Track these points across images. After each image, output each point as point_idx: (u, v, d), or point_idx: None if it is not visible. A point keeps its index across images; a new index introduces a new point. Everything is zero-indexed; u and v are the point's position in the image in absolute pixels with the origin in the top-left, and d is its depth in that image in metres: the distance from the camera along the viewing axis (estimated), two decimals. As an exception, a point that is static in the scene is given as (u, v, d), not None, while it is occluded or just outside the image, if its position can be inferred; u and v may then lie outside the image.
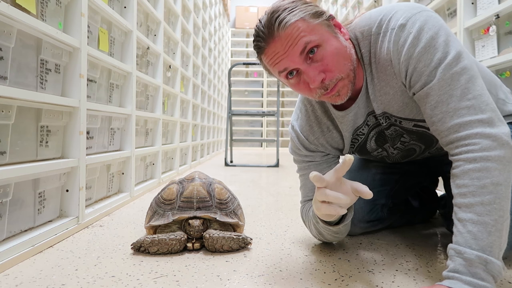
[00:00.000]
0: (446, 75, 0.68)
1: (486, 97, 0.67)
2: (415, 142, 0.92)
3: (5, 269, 0.85)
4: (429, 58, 0.69)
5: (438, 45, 0.69)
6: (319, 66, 0.73)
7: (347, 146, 0.95)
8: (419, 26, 0.70)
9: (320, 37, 0.72)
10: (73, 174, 1.20)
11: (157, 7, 2.23)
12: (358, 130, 0.91)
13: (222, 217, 1.04)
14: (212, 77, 4.67)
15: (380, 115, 0.85)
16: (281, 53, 0.73)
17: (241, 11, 7.30)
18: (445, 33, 0.70)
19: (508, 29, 1.47)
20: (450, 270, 0.64)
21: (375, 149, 0.97)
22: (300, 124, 0.96)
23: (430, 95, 0.70)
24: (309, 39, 0.71)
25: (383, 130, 0.90)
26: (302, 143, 0.95)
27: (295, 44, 0.71)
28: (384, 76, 0.78)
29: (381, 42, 0.76)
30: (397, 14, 0.74)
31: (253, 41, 0.77)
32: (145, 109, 2.07)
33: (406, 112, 0.82)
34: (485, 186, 0.63)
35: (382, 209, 1.14)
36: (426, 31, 0.70)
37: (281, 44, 0.72)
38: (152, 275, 0.83)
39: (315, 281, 0.80)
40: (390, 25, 0.74)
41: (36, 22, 0.99)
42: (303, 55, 0.72)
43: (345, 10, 3.86)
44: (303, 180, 1.00)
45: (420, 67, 0.70)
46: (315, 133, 0.94)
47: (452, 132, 0.68)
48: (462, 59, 0.68)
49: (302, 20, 0.71)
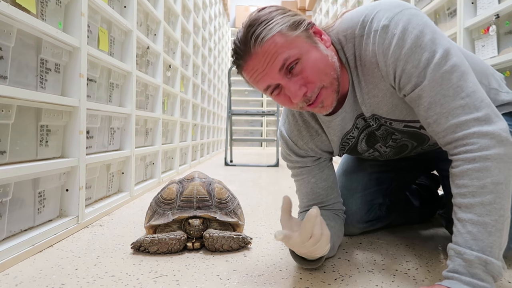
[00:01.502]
0: (437, 75, 0.66)
1: (480, 93, 0.66)
2: (407, 139, 0.91)
3: (5, 268, 0.85)
4: (416, 58, 0.67)
5: (424, 44, 0.67)
6: (299, 80, 0.71)
7: (335, 150, 0.93)
8: (402, 26, 0.68)
9: (298, 51, 0.69)
10: (73, 173, 1.20)
11: (157, 7, 2.23)
12: (348, 134, 0.89)
13: (222, 216, 1.04)
14: (212, 77, 4.67)
15: (370, 117, 0.83)
16: (260, 70, 0.71)
17: (241, 10, 7.30)
18: (431, 30, 0.68)
19: (508, 29, 1.47)
20: (449, 270, 0.64)
21: (366, 150, 0.96)
22: (288, 129, 0.93)
23: (422, 96, 0.68)
24: (287, 55, 0.69)
25: (373, 131, 0.89)
26: (291, 149, 0.93)
27: (273, 60, 0.69)
28: (372, 78, 0.76)
29: (365, 44, 0.73)
30: (378, 14, 0.71)
31: (231, 56, 0.75)
32: (145, 109, 2.07)
33: (396, 114, 0.80)
34: (485, 186, 0.62)
35: (380, 208, 1.14)
36: (410, 31, 0.67)
37: (259, 61, 0.70)
38: (152, 275, 0.83)
39: (315, 281, 0.80)
40: (372, 26, 0.71)
41: (36, 21, 0.99)
42: (282, 70, 0.70)
43: (345, 9, 3.86)
44: (298, 185, 0.98)
45: (408, 68, 0.68)
46: (304, 137, 0.92)
47: (449, 133, 0.67)
48: (450, 57, 0.66)
49: (279, 34, 0.68)
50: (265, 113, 3.67)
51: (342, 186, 1.12)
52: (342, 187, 1.12)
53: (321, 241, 0.71)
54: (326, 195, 0.95)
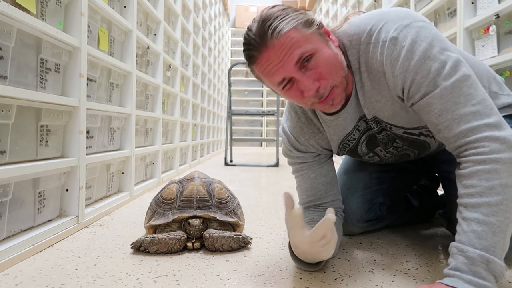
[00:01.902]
0: (447, 84, 0.68)
1: (489, 101, 0.68)
2: (408, 148, 0.93)
3: (5, 268, 0.85)
4: (426, 69, 0.69)
5: (433, 55, 0.69)
6: (313, 75, 0.72)
7: (334, 149, 0.95)
8: (411, 39, 0.70)
9: (313, 46, 0.71)
10: (73, 173, 1.20)
11: (157, 7, 2.23)
12: (348, 136, 0.90)
13: (222, 216, 1.04)
14: (212, 77, 4.67)
15: (371, 119, 0.85)
16: (276, 62, 0.72)
17: (241, 10, 7.30)
18: (439, 42, 0.70)
19: (508, 28, 1.47)
20: (451, 268, 0.64)
21: (366, 153, 0.97)
22: (291, 126, 0.95)
23: (432, 104, 0.70)
24: (304, 50, 0.70)
25: (374, 134, 0.90)
26: (293, 144, 0.95)
27: (289, 54, 0.70)
28: (377, 85, 0.78)
29: (372, 53, 0.75)
30: (387, 25, 0.73)
31: (243, 50, 0.76)
32: (145, 109, 2.07)
33: (396, 120, 0.82)
34: (493, 188, 0.63)
35: (380, 208, 1.14)
36: (419, 43, 0.69)
37: (275, 53, 0.71)
38: (152, 275, 0.83)
39: (315, 281, 0.80)
40: (380, 36, 0.73)
41: (36, 21, 0.99)
42: (298, 64, 0.71)
43: (345, 9, 3.86)
44: (298, 181, 0.99)
45: (418, 78, 0.70)
46: (305, 134, 0.93)
47: (460, 138, 0.68)
48: (460, 67, 0.68)
49: (295, 29, 0.70)
50: (265, 113, 3.67)
51: (343, 185, 1.13)
52: (343, 186, 1.12)
53: (330, 243, 0.72)
54: (325, 191, 0.95)
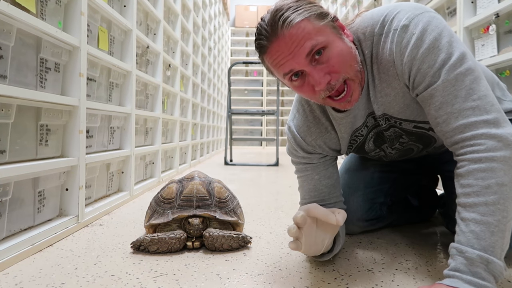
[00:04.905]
0: (451, 76, 0.67)
1: (491, 98, 0.67)
2: (414, 143, 0.92)
3: (4, 268, 0.85)
4: (433, 59, 0.69)
5: (441, 46, 0.68)
6: (325, 68, 0.71)
7: (344, 147, 0.94)
8: (422, 27, 0.70)
9: (326, 39, 0.70)
10: (73, 173, 1.20)
11: (156, 6, 2.23)
12: (357, 131, 0.90)
13: (221, 215, 1.04)
14: (211, 76, 4.67)
15: (380, 116, 0.84)
16: (286, 53, 0.70)
17: (241, 10, 7.30)
18: (449, 34, 0.70)
19: (507, 28, 1.47)
20: (451, 268, 0.64)
21: (373, 149, 0.97)
22: (297, 125, 0.93)
23: (434, 96, 0.69)
24: (315, 42, 0.69)
25: (382, 131, 0.90)
26: (299, 144, 0.93)
27: (300, 45, 0.69)
28: (386, 77, 0.77)
29: (383, 43, 0.75)
30: (399, 14, 0.73)
31: (255, 40, 0.75)
32: (144, 108, 2.07)
33: (407, 114, 0.81)
34: (489, 187, 0.63)
35: (381, 208, 1.14)
36: (430, 32, 0.69)
37: (285, 44, 0.70)
38: (151, 274, 0.83)
39: (315, 280, 0.80)
40: (392, 25, 0.73)
41: (36, 21, 0.99)
42: (309, 57, 0.70)
43: (345, 9, 3.86)
44: (301, 181, 0.98)
45: (424, 68, 0.70)
46: (312, 134, 0.92)
47: (457, 133, 0.68)
48: (466, 60, 0.68)
49: (307, 20, 0.69)
50: (265, 113, 3.67)
51: (344, 184, 1.12)
52: (344, 185, 1.12)
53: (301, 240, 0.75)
54: (328, 193, 0.95)
